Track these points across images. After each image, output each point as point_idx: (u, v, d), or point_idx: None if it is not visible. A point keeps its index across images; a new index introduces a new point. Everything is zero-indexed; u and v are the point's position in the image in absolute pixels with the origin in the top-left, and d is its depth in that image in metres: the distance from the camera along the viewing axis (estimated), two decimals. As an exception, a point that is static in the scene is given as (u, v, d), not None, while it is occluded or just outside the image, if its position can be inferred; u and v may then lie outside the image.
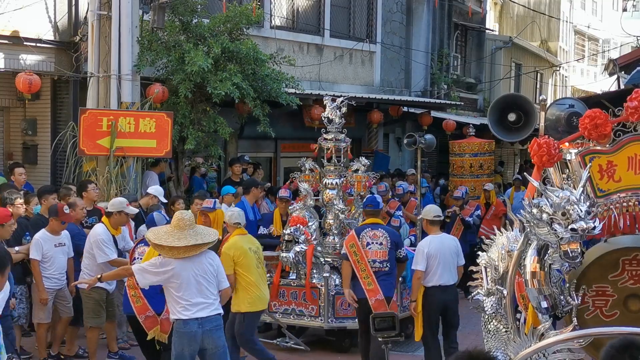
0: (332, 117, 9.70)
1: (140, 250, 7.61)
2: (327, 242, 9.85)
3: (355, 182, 9.78)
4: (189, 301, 6.36)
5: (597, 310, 5.51)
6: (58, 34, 11.98)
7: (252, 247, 8.12)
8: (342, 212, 9.65)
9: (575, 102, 6.78)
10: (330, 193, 9.64)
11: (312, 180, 9.89)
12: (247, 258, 7.97)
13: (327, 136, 9.75)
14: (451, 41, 22.99)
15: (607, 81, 24.49)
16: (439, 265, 8.11)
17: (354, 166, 9.91)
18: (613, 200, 5.36)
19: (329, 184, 9.65)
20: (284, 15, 15.99)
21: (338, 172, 9.71)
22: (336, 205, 9.64)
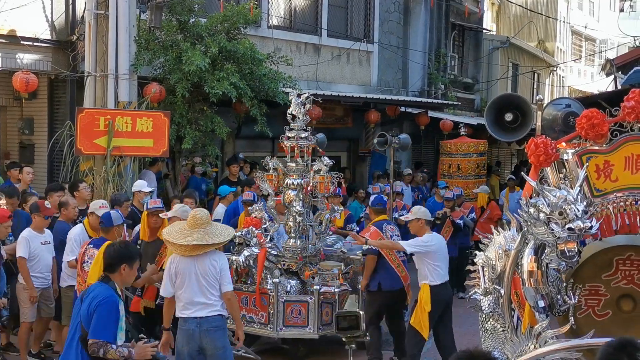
0: (296, 113, 9.14)
1: (90, 253, 7.39)
2: (288, 245, 9.28)
3: (318, 183, 9.14)
4: (189, 300, 6.41)
5: (589, 309, 5.52)
6: (55, 33, 11.98)
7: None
8: (299, 215, 9.07)
9: (572, 102, 6.79)
10: (291, 194, 9.09)
11: (275, 180, 9.31)
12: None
13: (290, 133, 9.15)
14: (448, 41, 23.00)
15: (604, 81, 24.52)
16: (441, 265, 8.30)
17: (316, 166, 9.23)
18: (610, 200, 5.37)
19: (290, 184, 9.09)
20: (281, 14, 15.99)
21: (300, 172, 9.13)
22: (294, 207, 9.08)
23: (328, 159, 9.32)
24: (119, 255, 5.28)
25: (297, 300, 8.81)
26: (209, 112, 12.13)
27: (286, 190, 9.11)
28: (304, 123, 9.19)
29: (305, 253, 9.19)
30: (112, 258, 5.29)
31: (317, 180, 9.12)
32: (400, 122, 19.74)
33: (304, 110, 9.18)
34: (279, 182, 9.26)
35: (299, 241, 9.19)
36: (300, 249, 9.16)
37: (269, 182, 9.29)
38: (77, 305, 5.29)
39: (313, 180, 9.13)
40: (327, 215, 9.31)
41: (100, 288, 5.16)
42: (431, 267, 8.20)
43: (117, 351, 4.94)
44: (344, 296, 8.79)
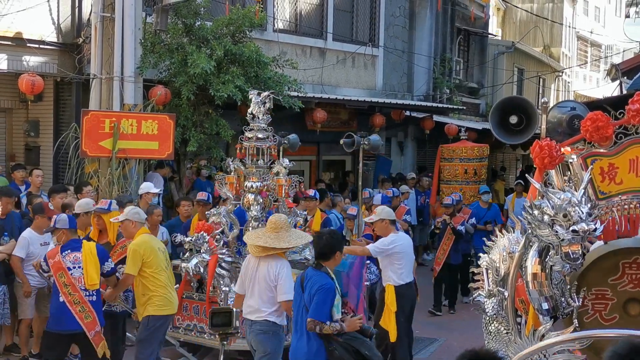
0: (256, 113, 8.64)
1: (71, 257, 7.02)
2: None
3: (277, 186, 8.70)
4: (246, 301, 6.79)
5: (596, 313, 5.50)
6: (61, 35, 12.01)
7: (160, 247, 7.56)
8: (255, 219, 8.57)
9: (576, 104, 6.79)
10: (250, 197, 8.63)
11: (235, 183, 8.85)
12: (157, 258, 7.35)
13: (249, 134, 8.65)
14: (454, 46, 23.01)
15: (609, 87, 24.50)
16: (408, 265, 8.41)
17: (275, 168, 8.81)
18: (614, 203, 5.36)
19: (250, 188, 8.61)
20: (286, 18, 16.02)
21: (260, 174, 8.66)
22: (252, 211, 8.61)
23: (288, 161, 8.92)
24: (332, 244, 6.02)
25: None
26: (214, 115, 12.15)
27: (245, 194, 8.67)
28: (265, 123, 8.70)
29: None
30: (326, 247, 6.03)
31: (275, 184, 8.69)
32: (405, 126, 19.75)
33: (264, 110, 8.68)
34: (239, 185, 8.80)
35: None
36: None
37: (229, 186, 8.83)
38: (297, 292, 6.14)
39: (272, 183, 8.70)
40: (289, 219, 8.65)
41: (317, 276, 5.97)
42: (395, 267, 8.27)
43: (330, 326, 5.84)
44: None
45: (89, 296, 7.03)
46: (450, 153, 15.63)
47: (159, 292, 7.31)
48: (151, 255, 7.29)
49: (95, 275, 7.08)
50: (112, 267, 7.35)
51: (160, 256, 7.37)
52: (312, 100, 14.64)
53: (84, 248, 7.11)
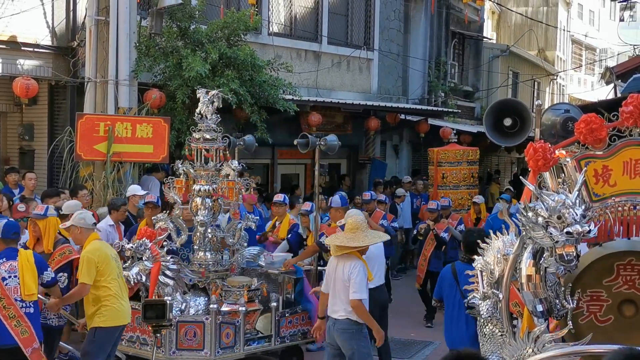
0: (204, 112, 8.29)
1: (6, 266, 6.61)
2: (196, 258, 8.46)
3: (226, 189, 8.33)
4: (329, 299, 7.05)
5: (591, 315, 5.50)
6: (56, 39, 12.00)
7: (112, 254, 7.15)
8: (201, 225, 8.24)
9: (570, 107, 6.81)
10: (198, 201, 8.27)
11: (184, 186, 8.47)
12: (110, 266, 6.96)
13: (196, 135, 8.31)
14: (449, 49, 23.04)
15: (604, 90, 24.54)
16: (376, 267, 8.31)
17: (224, 171, 8.45)
18: (608, 205, 5.37)
19: (198, 191, 8.25)
20: (281, 22, 16.03)
21: (208, 177, 8.30)
22: (198, 216, 8.27)
23: (237, 163, 8.60)
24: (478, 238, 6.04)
25: (191, 320, 7.90)
26: (209, 119, 12.13)
27: (194, 198, 8.31)
28: (214, 123, 8.35)
29: (215, 267, 8.43)
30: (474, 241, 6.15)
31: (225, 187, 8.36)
32: (400, 129, 19.77)
33: (212, 109, 8.33)
34: (187, 189, 8.44)
35: (209, 254, 8.42)
36: (211, 263, 8.40)
37: (177, 190, 8.46)
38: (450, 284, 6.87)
39: (221, 186, 8.36)
40: (241, 224, 8.62)
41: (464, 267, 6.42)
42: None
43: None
44: (252, 316, 8.24)
45: (26, 308, 6.59)
46: (439, 156, 15.15)
47: (109, 303, 6.91)
48: (104, 263, 6.91)
49: (33, 285, 6.64)
50: (53, 277, 6.95)
51: (112, 264, 6.98)
52: (307, 103, 14.64)
53: (20, 256, 6.68)
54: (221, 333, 7.85)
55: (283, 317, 8.41)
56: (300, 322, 8.62)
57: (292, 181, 16.91)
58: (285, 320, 8.43)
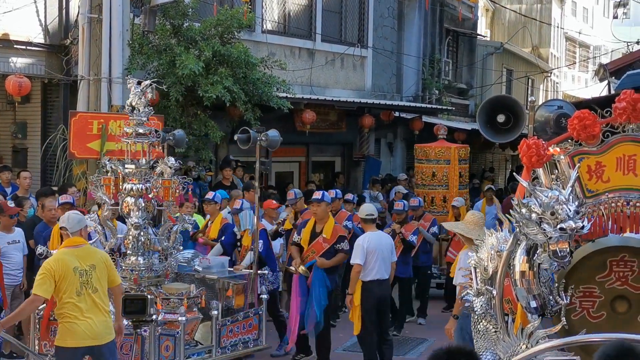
0: (136, 104, 7.60)
1: None
2: (127, 263, 7.72)
3: (162, 188, 7.66)
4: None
5: (584, 311, 5.51)
6: (48, 36, 11.98)
7: (79, 267, 6.22)
8: (135, 228, 7.58)
9: (564, 103, 6.81)
10: (129, 201, 7.59)
11: (112, 185, 7.75)
12: (66, 280, 6.16)
13: (128, 129, 7.61)
14: (442, 46, 23.05)
15: (597, 87, 24.58)
16: (377, 261, 8.59)
17: (158, 168, 7.76)
18: (602, 201, 5.37)
19: (129, 190, 7.55)
20: (275, 19, 16.00)
21: (141, 175, 7.60)
22: (131, 218, 7.61)
23: (173, 159, 7.89)
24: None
25: (127, 333, 6.92)
26: (203, 116, 12.13)
27: (124, 198, 7.61)
28: (146, 116, 7.65)
29: (149, 273, 7.73)
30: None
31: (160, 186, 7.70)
32: (394, 127, 19.77)
33: (144, 101, 7.63)
34: (117, 188, 7.73)
35: (141, 259, 7.66)
36: (144, 269, 7.67)
37: (106, 188, 7.73)
38: None
39: (156, 185, 7.68)
40: (176, 226, 7.99)
41: None
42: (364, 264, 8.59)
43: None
44: (192, 326, 7.64)
45: None
46: (425, 154, 14.20)
47: (64, 320, 6.16)
48: (62, 277, 6.14)
49: None
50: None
51: (71, 278, 6.15)
52: (301, 101, 14.63)
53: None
54: (160, 346, 7.14)
55: (224, 326, 7.79)
56: (242, 331, 8.03)
57: (329, 172, 17.11)
58: (227, 330, 7.82)
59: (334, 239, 8.95)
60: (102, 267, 6.33)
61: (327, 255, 8.95)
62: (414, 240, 10.93)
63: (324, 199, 9.21)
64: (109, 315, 6.33)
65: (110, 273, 6.41)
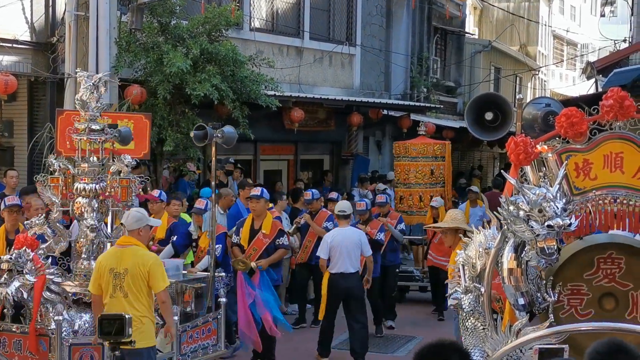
0: (88, 99, 7.07)
1: None
2: (79, 269, 7.22)
3: (119, 187, 7.21)
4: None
5: (572, 309, 5.53)
6: (35, 34, 11.90)
7: (115, 268, 6.37)
8: (92, 230, 7.08)
9: (551, 101, 6.82)
10: (82, 202, 7.06)
11: (62, 185, 7.26)
12: (103, 279, 6.40)
13: (80, 125, 7.07)
14: (431, 45, 23.08)
15: (585, 85, 24.67)
16: (341, 256, 9.16)
17: (114, 167, 7.29)
18: (589, 198, 5.38)
19: (82, 190, 7.03)
20: (263, 17, 15.97)
21: (95, 174, 7.10)
22: (86, 220, 7.08)
23: (130, 157, 7.47)
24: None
25: (87, 342, 6.60)
26: (191, 114, 12.08)
27: (76, 198, 7.12)
28: (99, 111, 7.15)
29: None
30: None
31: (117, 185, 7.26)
32: (382, 125, 19.79)
33: (97, 95, 7.12)
34: (67, 188, 7.27)
35: (94, 263, 7.01)
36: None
37: (54, 188, 7.26)
38: None
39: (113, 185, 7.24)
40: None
41: None
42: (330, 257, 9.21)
43: None
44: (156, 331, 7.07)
45: None
46: (404, 150, 13.40)
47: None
48: (100, 275, 6.39)
49: None
50: None
51: (106, 278, 6.33)
52: (289, 99, 14.61)
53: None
54: None
55: (184, 332, 7.37)
56: (201, 337, 7.66)
57: (318, 170, 17.14)
58: (187, 336, 7.41)
59: (274, 234, 9.18)
60: (137, 273, 6.27)
61: (268, 252, 9.16)
62: (381, 239, 10.68)
63: (262, 195, 9.33)
64: (141, 321, 6.23)
65: (150, 279, 6.31)
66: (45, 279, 6.74)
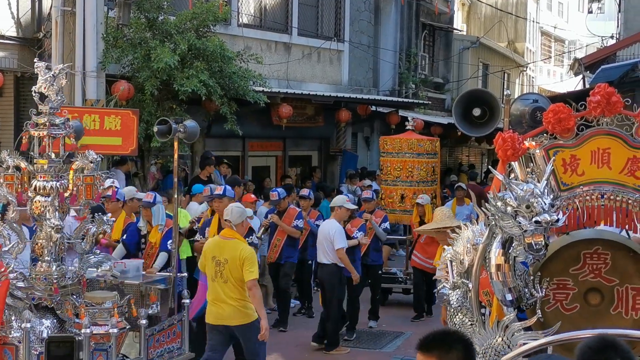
0: (47, 92, 6.58)
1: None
2: (39, 272, 6.65)
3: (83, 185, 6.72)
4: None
5: (557, 303, 5.53)
6: (21, 30, 11.83)
7: (216, 256, 7.17)
8: (57, 231, 6.60)
9: (539, 97, 6.85)
10: (42, 201, 6.55)
11: (17, 183, 6.69)
12: (206, 263, 7.24)
13: (39, 119, 6.59)
14: (419, 41, 23.10)
15: (572, 81, 24.78)
16: (320, 246, 9.75)
17: (77, 163, 6.77)
18: (577, 194, 5.39)
19: (40, 189, 6.54)
20: (251, 13, 15.94)
21: (55, 171, 6.62)
22: (49, 219, 6.59)
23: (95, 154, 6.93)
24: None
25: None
26: (179, 110, 12.04)
27: (34, 197, 6.62)
28: (58, 105, 6.68)
29: (64, 281, 6.72)
30: None
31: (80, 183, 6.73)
32: (371, 121, 19.80)
33: (57, 87, 6.63)
34: (22, 186, 6.74)
35: (54, 265, 6.66)
36: (59, 276, 6.67)
37: (9, 187, 6.70)
38: None
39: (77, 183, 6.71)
40: (94, 229, 7.02)
41: None
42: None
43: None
44: (121, 337, 6.84)
45: None
46: (390, 146, 12.68)
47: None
48: (203, 260, 7.38)
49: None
50: None
51: (209, 264, 7.22)
52: (277, 95, 14.59)
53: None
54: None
55: (151, 336, 7.02)
56: (167, 340, 7.31)
57: (306, 166, 17.16)
58: (153, 340, 7.03)
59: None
60: (236, 263, 7.12)
61: None
62: (356, 237, 10.25)
63: (226, 194, 8.91)
64: (239, 303, 7.18)
65: (243, 269, 7.12)
66: (9, 284, 6.29)
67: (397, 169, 12.47)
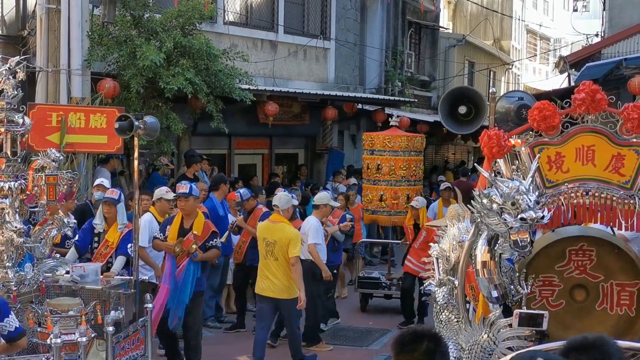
0: (5, 87, 6.23)
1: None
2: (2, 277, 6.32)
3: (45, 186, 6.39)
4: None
5: (543, 299, 5.58)
6: (5, 27, 11.77)
7: (266, 238, 8.46)
8: (19, 235, 6.23)
9: (524, 94, 6.87)
10: (4, 203, 6.19)
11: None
12: (259, 243, 8.59)
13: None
14: (405, 39, 23.13)
15: (558, 79, 24.88)
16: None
17: (38, 162, 6.49)
18: (562, 191, 5.42)
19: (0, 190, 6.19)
20: (237, 10, 15.91)
21: (14, 170, 6.27)
22: (10, 222, 6.21)
23: (57, 152, 6.72)
24: None
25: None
26: (164, 108, 12.00)
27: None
28: (15, 100, 6.30)
29: (24, 288, 6.40)
30: None
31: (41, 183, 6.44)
32: (357, 119, 19.80)
33: (14, 82, 6.30)
34: None
35: (11, 272, 6.26)
36: (15, 283, 6.29)
37: None
38: None
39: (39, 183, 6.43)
40: (55, 231, 6.69)
41: None
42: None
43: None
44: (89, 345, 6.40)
45: None
46: (372, 143, 12.17)
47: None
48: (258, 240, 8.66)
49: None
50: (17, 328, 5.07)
51: (261, 245, 8.51)
52: (263, 93, 14.57)
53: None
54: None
55: (117, 344, 6.54)
56: (131, 347, 6.89)
57: (292, 164, 17.12)
58: (119, 347, 6.58)
59: (206, 236, 8.36)
60: (283, 244, 8.35)
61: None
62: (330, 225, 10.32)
63: (192, 193, 8.44)
64: (286, 280, 8.41)
65: (289, 247, 8.34)
66: None
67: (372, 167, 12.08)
